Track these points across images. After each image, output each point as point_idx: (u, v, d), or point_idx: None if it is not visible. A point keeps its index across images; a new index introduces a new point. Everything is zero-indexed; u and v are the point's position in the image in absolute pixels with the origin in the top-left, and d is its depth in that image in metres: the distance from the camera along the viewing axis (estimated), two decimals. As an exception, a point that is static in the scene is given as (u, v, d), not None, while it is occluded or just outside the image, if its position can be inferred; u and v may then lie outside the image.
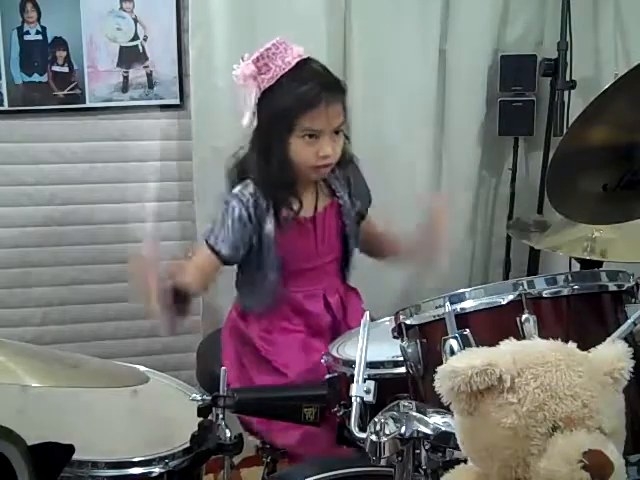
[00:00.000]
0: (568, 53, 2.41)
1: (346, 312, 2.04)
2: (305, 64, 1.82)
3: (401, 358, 1.36)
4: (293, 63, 1.79)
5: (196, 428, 1.37)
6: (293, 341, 1.95)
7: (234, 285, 2.07)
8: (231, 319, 2.06)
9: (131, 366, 1.56)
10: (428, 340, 1.29)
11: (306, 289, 1.97)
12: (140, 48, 2.42)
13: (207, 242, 1.86)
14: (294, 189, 1.89)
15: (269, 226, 1.87)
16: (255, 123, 1.85)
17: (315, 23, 2.43)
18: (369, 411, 1.15)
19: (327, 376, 1.59)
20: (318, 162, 1.83)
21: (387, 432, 1.06)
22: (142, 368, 1.58)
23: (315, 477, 1.46)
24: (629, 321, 1.18)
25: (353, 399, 1.14)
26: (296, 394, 1.53)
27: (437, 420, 1.06)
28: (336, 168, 1.93)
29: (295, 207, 1.89)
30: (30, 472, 1.07)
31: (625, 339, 1.12)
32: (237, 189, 1.87)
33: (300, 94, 1.77)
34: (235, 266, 1.99)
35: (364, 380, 1.15)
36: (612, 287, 1.30)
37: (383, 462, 1.07)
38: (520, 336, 1.16)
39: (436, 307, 1.28)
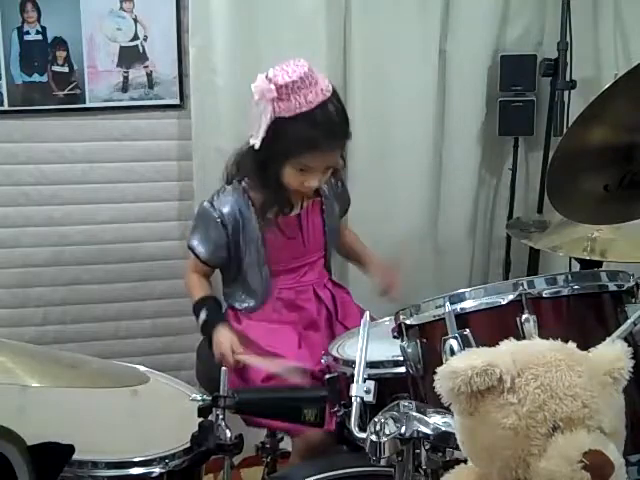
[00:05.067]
0: (568, 53, 2.40)
1: (337, 308, 2.08)
2: (323, 106, 1.83)
3: (401, 358, 1.36)
4: (314, 104, 1.80)
5: (196, 428, 1.37)
6: (290, 336, 1.96)
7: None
8: None
9: (131, 366, 1.57)
10: (428, 340, 1.30)
11: (296, 285, 2.03)
12: (140, 48, 2.41)
13: (188, 245, 2.02)
14: (286, 198, 1.95)
15: (254, 225, 1.95)
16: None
17: (315, 23, 2.42)
18: (369, 411, 1.15)
19: (327, 376, 1.59)
20: (302, 189, 1.92)
21: (387, 432, 1.06)
22: (142, 368, 1.58)
23: (315, 477, 1.46)
24: (629, 321, 1.18)
25: (353, 399, 1.14)
26: (296, 394, 1.53)
27: (437, 420, 1.07)
28: None
29: (286, 211, 1.97)
30: (30, 472, 1.07)
31: (625, 339, 1.13)
32: (213, 198, 1.97)
33: (307, 137, 1.82)
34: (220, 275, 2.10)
35: (364, 380, 1.15)
36: (612, 287, 1.31)
37: (383, 462, 1.07)
38: (520, 336, 1.17)
39: (436, 307, 1.29)
